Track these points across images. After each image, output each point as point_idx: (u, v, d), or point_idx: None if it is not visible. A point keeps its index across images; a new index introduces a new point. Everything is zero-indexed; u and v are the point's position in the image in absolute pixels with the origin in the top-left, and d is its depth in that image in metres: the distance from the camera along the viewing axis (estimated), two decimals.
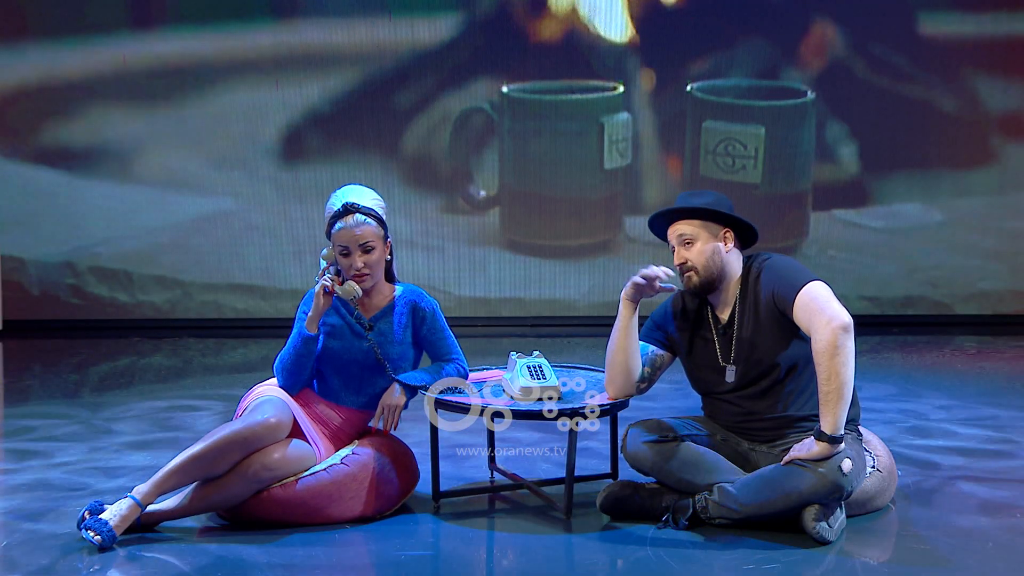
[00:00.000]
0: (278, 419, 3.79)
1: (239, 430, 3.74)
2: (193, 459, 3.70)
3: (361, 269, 3.92)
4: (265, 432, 3.76)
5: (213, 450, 3.71)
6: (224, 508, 3.82)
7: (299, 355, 3.94)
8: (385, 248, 4.00)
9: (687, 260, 3.84)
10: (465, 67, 8.27)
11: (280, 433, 3.79)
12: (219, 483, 3.74)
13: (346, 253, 3.92)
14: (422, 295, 4.08)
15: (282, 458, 3.77)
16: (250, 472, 3.73)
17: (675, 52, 8.28)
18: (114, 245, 8.32)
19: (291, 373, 3.96)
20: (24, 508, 4.08)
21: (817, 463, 3.61)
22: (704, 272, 3.83)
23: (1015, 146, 8.31)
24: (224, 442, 3.71)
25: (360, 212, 3.92)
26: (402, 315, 4.03)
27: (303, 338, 3.92)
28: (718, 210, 3.82)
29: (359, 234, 3.91)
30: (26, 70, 8.24)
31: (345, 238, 3.91)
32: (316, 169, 8.31)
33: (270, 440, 3.77)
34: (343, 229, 3.91)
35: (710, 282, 3.85)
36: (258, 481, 3.76)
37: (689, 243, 3.84)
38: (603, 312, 8.07)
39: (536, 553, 3.67)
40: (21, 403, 6.11)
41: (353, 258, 3.92)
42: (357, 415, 4.05)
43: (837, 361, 3.57)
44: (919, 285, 8.37)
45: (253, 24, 8.25)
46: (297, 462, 3.82)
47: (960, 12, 8.26)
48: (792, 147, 8.17)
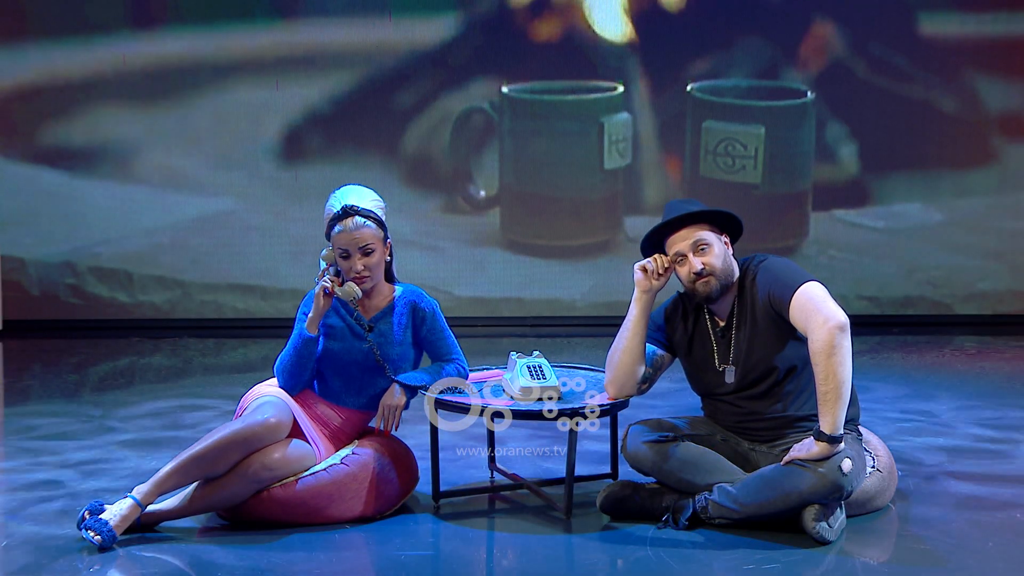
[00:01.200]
0: (278, 419, 3.79)
1: (239, 430, 3.74)
2: (193, 459, 3.71)
3: (361, 272, 3.92)
4: (265, 432, 3.76)
5: (213, 450, 3.71)
6: (224, 508, 3.82)
7: (299, 356, 3.94)
8: (385, 249, 4.00)
9: (706, 266, 3.78)
10: (465, 67, 8.27)
11: (280, 433, 3.79)
12: (219, 483, 3.75)
13: (346, 256, 3.92)
14: (422, 295, 4.08)
15: (282, 458, 3.77)
16: (250, 472, 3.73)
17: (675, 52, 8.28)
18: (114, 245, 8.32)
19: (291, 374, 3.96)
20: (24, 508, 4.08)
21: (817, 463, 3.61)
22: (723, 276, 3.80)
23: (1015, 146, 8.31)
24: (224, 442, 3.72)
25: (359, 215, 3.91)
26: (402, 316, 4.03)
27: (303, 339, 3.92)
28: (730, 212, 3.82)
29: (358, 236, 3.90)
30: (26, 70, 8.23)
31: (344, 241, 3.90)
32: (316, 169, 8.31)
33: (270, 440, 3.77)
34: (342, 232, 3.90)
35: (727, 286, 3.83)
36: (258, 481, 3.76)
37: (706, 248, 3.81)
38: (603, 312, 8.08)
39: (536, 553, 3.67)
40: (21, 403, 6.11)
41: (353, 260, 3.91)
42: (357, 416, 4.06)
43: (834, 361, 3.57)
44: (919, 285, 8.37)
45: (253, 24, 8.25)
46: (297, 462, 3.82)
47: (960, 12, 8.25)
48: (792, 147, 8.17)
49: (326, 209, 3.98)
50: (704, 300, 3.85)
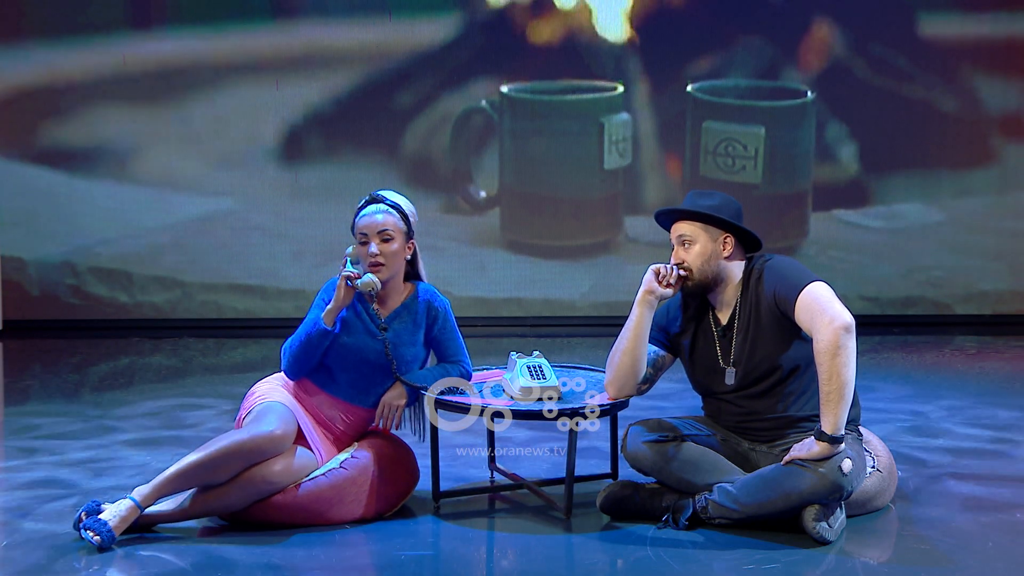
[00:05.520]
0: (283, 431, 3.77)
1: (243, 441, 3.72)
2: (195, 465, 3.70)
3: (376, 256, 3.93)
4: (270, 445, 3.74)
5: (216, 459, 3.70)
6: (222, 514, 3.82)
7: (311, 346, 3.91)
8: (406, 245, 4.01)
9: (684, 261, 3.86)
10: (465, 67, 8.26)
11: (284, 445, 3.77)
12: (219, 491, 3.74)
13: (365, 240, 3.95)
14: (435, 294, 4.09)
15: (284, 470, 3.76)
16: (251, 484, 3.73)
17: (675, 52, 8.27)
18: (114, 245, 8.31)
19: (299, 360, 3.94)
20: (24, 508, 4.08)
21: (817, 463, 3.61)
22: (698, 275, 3.85)
23: (1015, 146, 8.30)
24: (227, 452, 3.70)
25: (384, 203, 3.98)
26: (416, 314, 4.03)
27: (319, 330, 3.89)
28: (718, 216, 3.82)
29: (380, 221, 3.95)
30: (26, 70, 8.22)
31: (365, 224, 3.96)
32: (316, 169, 8.31)
33: (273, 453, 3.75)
34: (365, 216, 3.97)
35: (703, 285, 3.86)
36: (258, 493, 3.75)
37: (688, 244, 3.85)
38: (603, 312, 8.08)
39: (536, 553, 3.67)
40: (21, 403, 6.11)
41: (370, 244, 3.93)
42: (362, 414, 4.04)
43: (838, 361, 3.57)
44: (919, 285, 8.37)
45: (253, 24, 8.25)
46: (299, 472, 3.81)
47: (960, 12, 8.25)
48: (792, 147, 8.16)
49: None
50: (684, 293, 3.89)
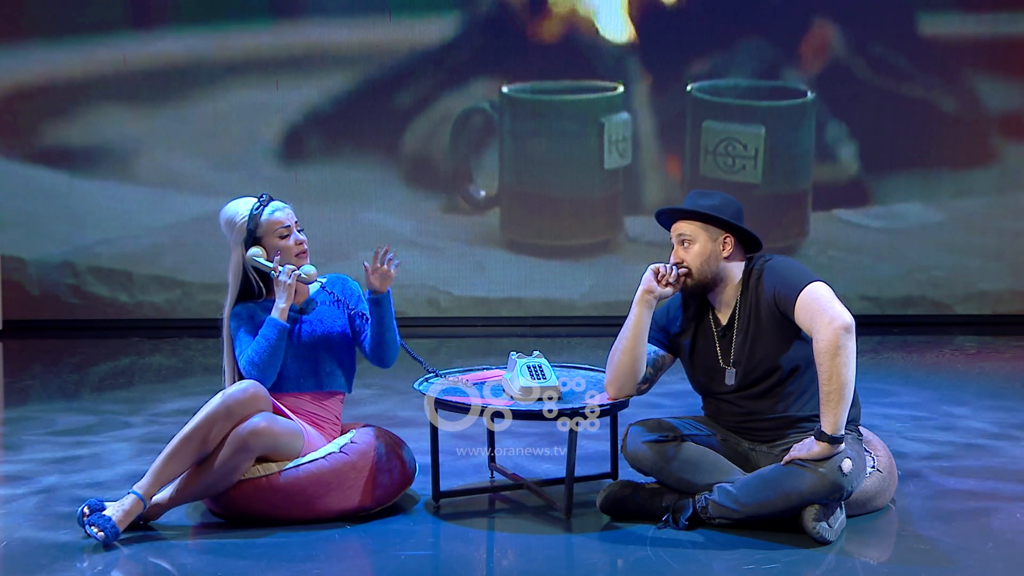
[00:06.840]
0: (256, 389, 3.84)
1: (222, 401, 3.79)
2: (184, 440, 3.74)
3: (303, 242, 4.08)
4: (247, 398, 3.80)
5: (200, 427, 3.75)
6: (224, 487, 3.80)
7: (274, 348, 3.98)
8: None
9: (683, 260, 3.86)
10: (465, 67, 8.26)
11: (260, 402, 3.83)
12: (212, 459, 3.76)
13: (285, 234, 4.07)
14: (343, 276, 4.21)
15: (269, 426, 3.79)
16: (240, 440, 3.75)
17: (675, 52, 8.27)
18: (114, 245, 8.31)
19: (268, 365, 3.98)
20: (23, 507, 4.08)
21: (817, 463, 3.61)
22: (698, 274, 3.85)
23: (1015, 146, 8.30)
24: (209, 417, 3.76)
25: (277, 200, 4.13)
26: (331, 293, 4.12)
27: (279, 329, 3.97)
28: (718, 216, 3.82)
29: (291, 213, 4.11)
30: (26, 70, 8.23)
31: (283, 219, 4.07)
32: (316, 169, 8.31)
33: (253, 408, 3.80)
34: (276, 212, 4.08)
35: (702, 285, 3.86)
36: (249, 449, 3.76)
37: (688, 244, 3.85)
38: (603, 312, 8.08)
39: (536, 553, 3.67)
40: (21, 403, 6.11)
41: (294, 233, 4.08)
42: (326, 396, 4.07)
43: (838, 361, 3.57)
44: (919, 285, 8.37)
45: (253, 24, 8.25)
46: (286, 435, 3.83)
47: (960, 12, 8.25)
48: (792, 147, 8.17)
49: (230, 219, 4.17)
50: (683, 292, 3.90)
